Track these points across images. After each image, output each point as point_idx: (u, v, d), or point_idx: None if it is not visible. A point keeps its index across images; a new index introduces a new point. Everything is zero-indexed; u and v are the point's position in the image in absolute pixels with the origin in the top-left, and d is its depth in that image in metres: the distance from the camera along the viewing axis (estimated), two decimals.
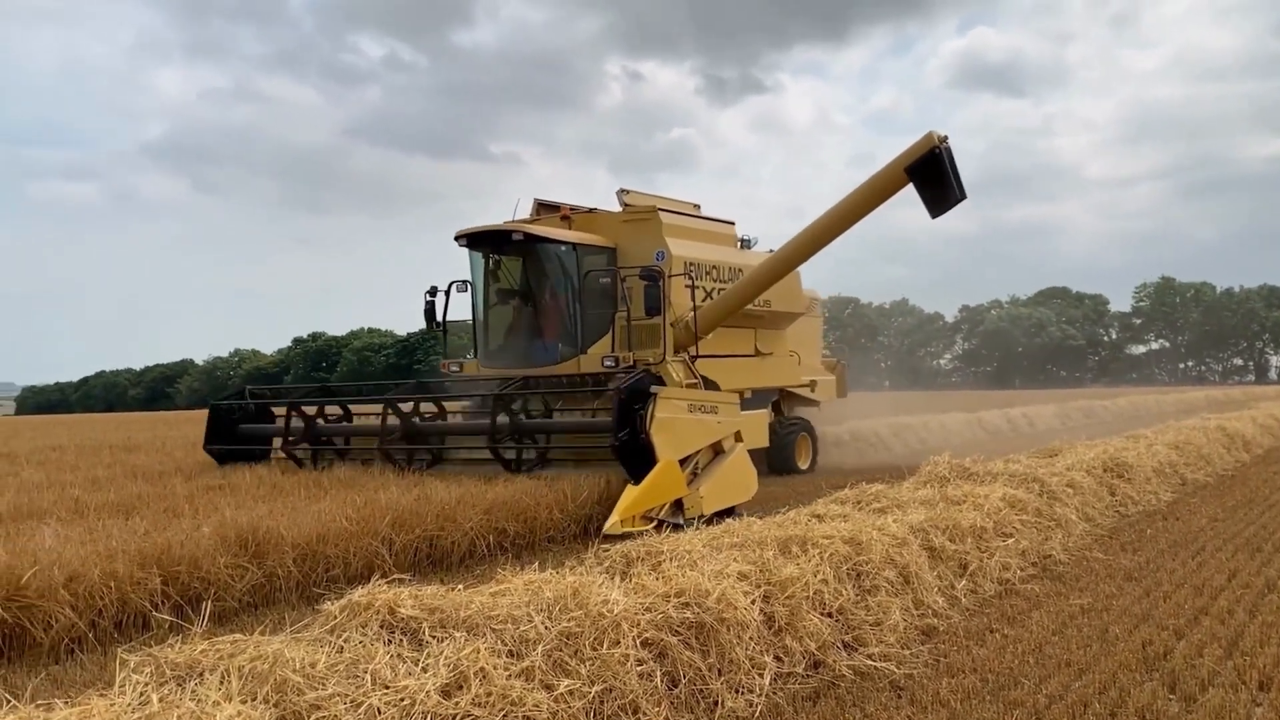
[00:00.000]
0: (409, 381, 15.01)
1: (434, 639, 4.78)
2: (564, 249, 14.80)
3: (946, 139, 13.01)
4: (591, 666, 4.88)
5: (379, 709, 4.13)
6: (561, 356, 14.69)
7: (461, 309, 15.77)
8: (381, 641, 4.72)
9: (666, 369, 13.88)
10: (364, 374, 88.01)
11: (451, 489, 10.52)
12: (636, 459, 10.95)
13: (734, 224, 17.69)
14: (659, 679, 5.11)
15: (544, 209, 16.34)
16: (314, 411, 14.68)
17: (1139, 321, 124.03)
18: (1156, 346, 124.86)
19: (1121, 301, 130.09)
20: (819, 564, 6.71)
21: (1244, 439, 19.67)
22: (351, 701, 4.14)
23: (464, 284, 15.57)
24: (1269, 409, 27.70)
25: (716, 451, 12.30)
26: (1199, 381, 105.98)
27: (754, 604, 5.95)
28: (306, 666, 4.28)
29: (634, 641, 5.14)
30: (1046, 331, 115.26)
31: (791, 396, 18.79)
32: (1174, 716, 5.22)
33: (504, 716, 4.37)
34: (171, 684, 4.18)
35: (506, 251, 15.35)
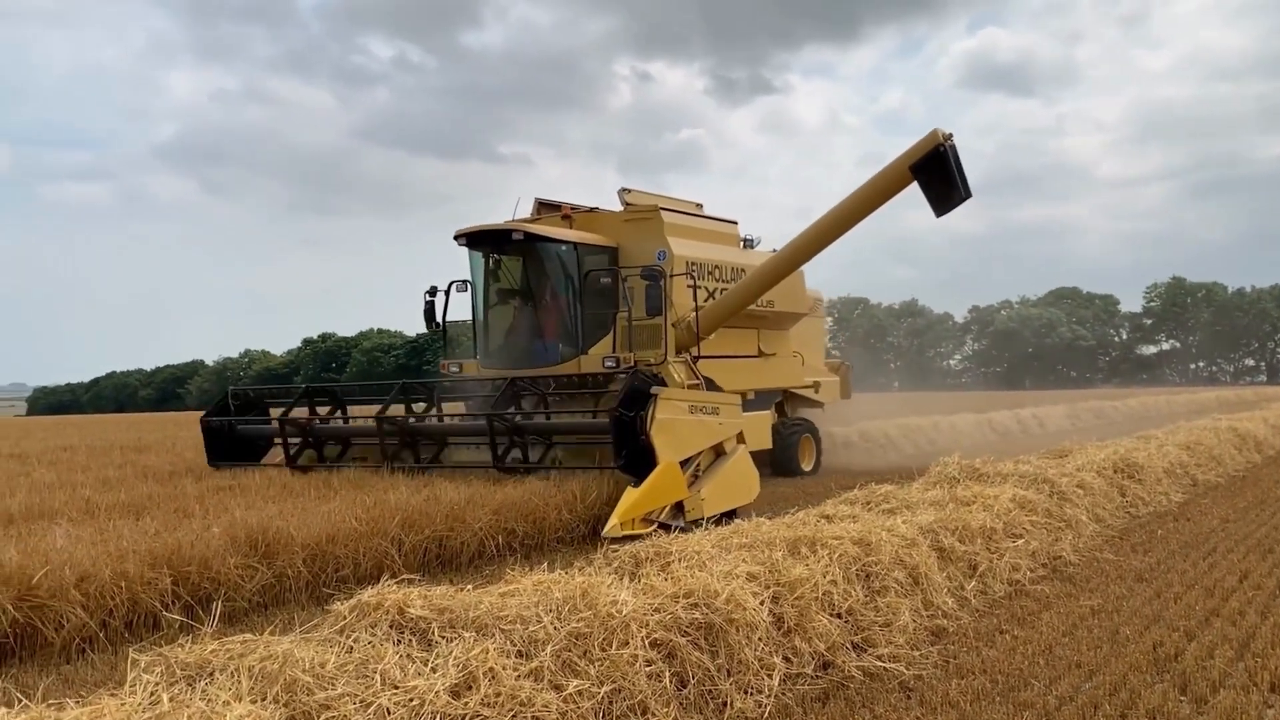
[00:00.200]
0: (398, 383, 14.73)
1: (443, 639, 4.79)
2: (564, 248, 14.69)
3: (951, 137, 12.88)
4: (600, 667, 4.89)
5: (388, 709, 4.13)
6: (562, 357, 14.58)
7: (462, 309, 15.68)
8: (391, 642, 4.73)
9: (668, 369, 13.77)
10: (374, 374, 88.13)
11: (460, 489, 10.53)
12: (637, 461, 10.83)
13: (737, 223, 17.59)
14: (668, 679, 5.11)
15: (545, 208, 16.23)
16: (308, 415, 14.49)
17: (1150, 322, 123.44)
18: (1167, 347, 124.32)
19: (1132, 302, 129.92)
20: (828, 565, 6.70)
21: (1256, 440, 19.58)
22: (361, 701, 4.14)
23: (464, 284, 15.46)
24: None
25: (718, 453, 12.15)
26: (1210, 382, 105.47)
27: (763, 605, 5.94)
28: (316, 666, 4.29)
29: (643, 642, 5.14)
30: (1057, 332, 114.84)
31: (795, 398, 18.64)
32: (1185, 718, 5.20)
33: (513, 717, 4.38)
34: (182, 684, 4.19)
35: (507, 251, 15.23)
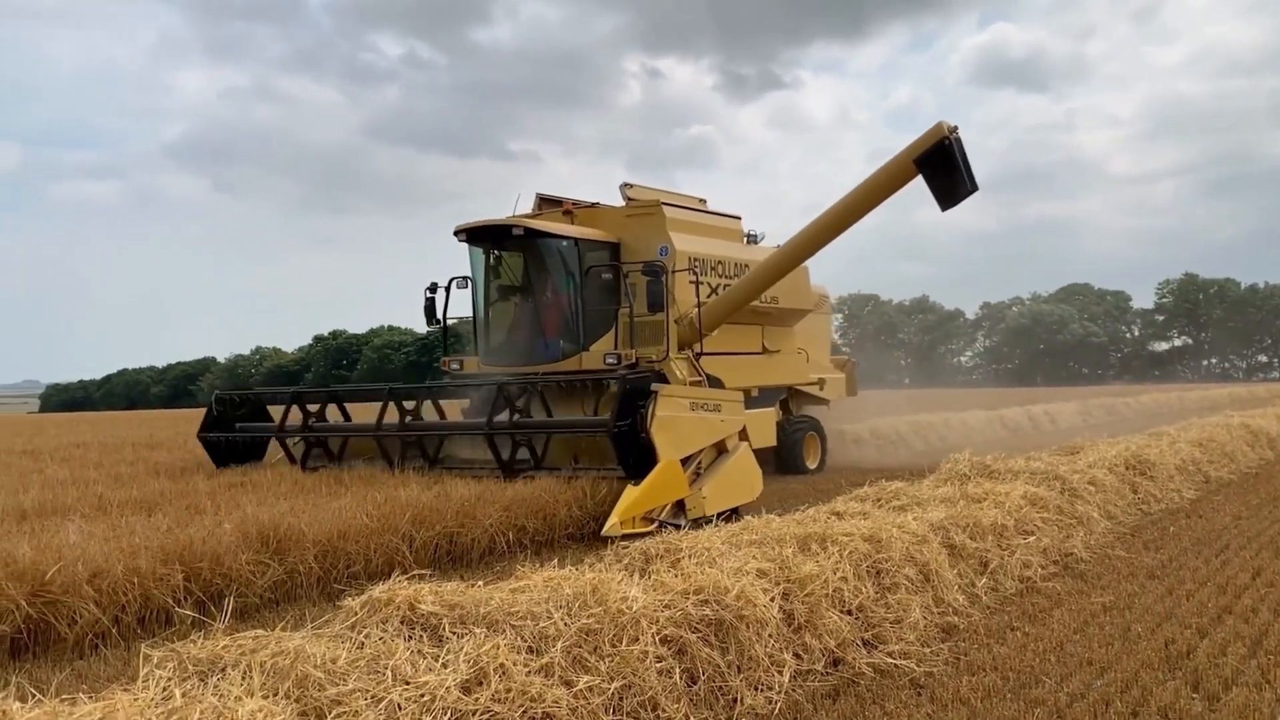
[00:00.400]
0: (400, 385, 14.58)
1: (454, 635, 4.79)
2: (565, 244, 14.57)
3: (956, 129, 12.72)
4: (611, 663, 4.89)
5: (399, 705, 4.14)
6: (563, 354, 14.48)
7: (463, 306, 15.56)
8: (402, 637, 4.74)
9: (670, 366, 13.71)
10: (384, 372, 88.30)
11: (471, 486, 10.55)
12: (637, 458, 10.70)
13: (740, 218, 17.47)
14: (678, 676, 5.11)
15: (546, 204, 16.10)
16: (315, 410, 14.41)
17: (1162, 318, 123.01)
18: (1179, 343, 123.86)
19: (1144, 298, 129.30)
20: (838, 561, 6.69)
21: (1268, 436, 19.47)
22: (372, 697, 4.15)
23: (464, 280, 15.35)
24: None
25: (720, 451, 11.99)
26: (1223, 379, 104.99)
27: (773, 601, 5.94)
28: (327, 662, 4.31)
29: (653, 638, 5.14)
30: (1068, 329, 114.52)
31: (800, 395, 18.47)
32: (1197, 716, 5.18)
33: (523, 712, 4.38)
34: (194, 679, 4.21)
35: (507, 247, 15.08)
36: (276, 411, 14.65)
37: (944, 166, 12.76)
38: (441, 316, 15.46)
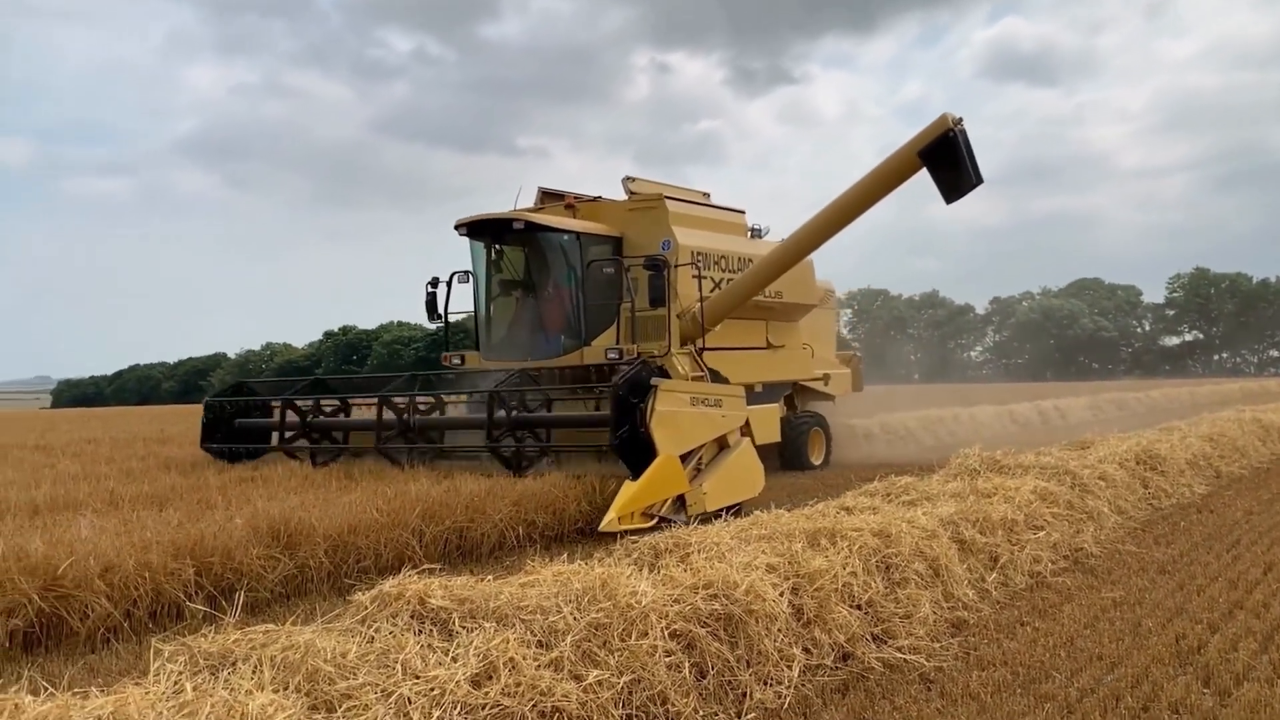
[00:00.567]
0: (401, 376, 14.51)
1: (464, 629, 4.80)
2: (567, 238, 14.46)
3: (961, 121, 12.51)
4: (620, 657, 4.89)
5: (409, 699, 4.16)
6: (564, 349, 14.36)
7: (466, 301, 15.44)
8: (412, 632, 4.75)
9: (672, 361, 13.59)
10: (394, 367, 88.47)
11: (481, 481, 10.56)
12: (636, 453, 10.57)
13: (744, 212, 17.33)
14: (687, 670, 5.12)
15: (548, 197, 15.95)
16: (309, 406, 14.40)
17: (1173, 313, 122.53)
18: (1190, 338, 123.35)
19: (1155, 293, 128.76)
20: (848, 556, 6.69)
21: None
22: (382, 691, 4.17)
23: (465, 274, 15.24)
24: None
25: (721, 446, 11.84)
26: (1234, 373, 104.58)
27: (782, 596, 5.94)
28: (338, 656, 4.32)
29: (662, 633, 5.14)
30: (1079, 323, 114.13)
31: (805, 390, 18.30)
32: (1208, 711, 5.17)
33: (533, 706, 4.39)
34: (205, 673, 4.22)
35: (508, 241, 14.96)
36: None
37: (948, 159, 12.60)
38: (443, 311, 15.34)
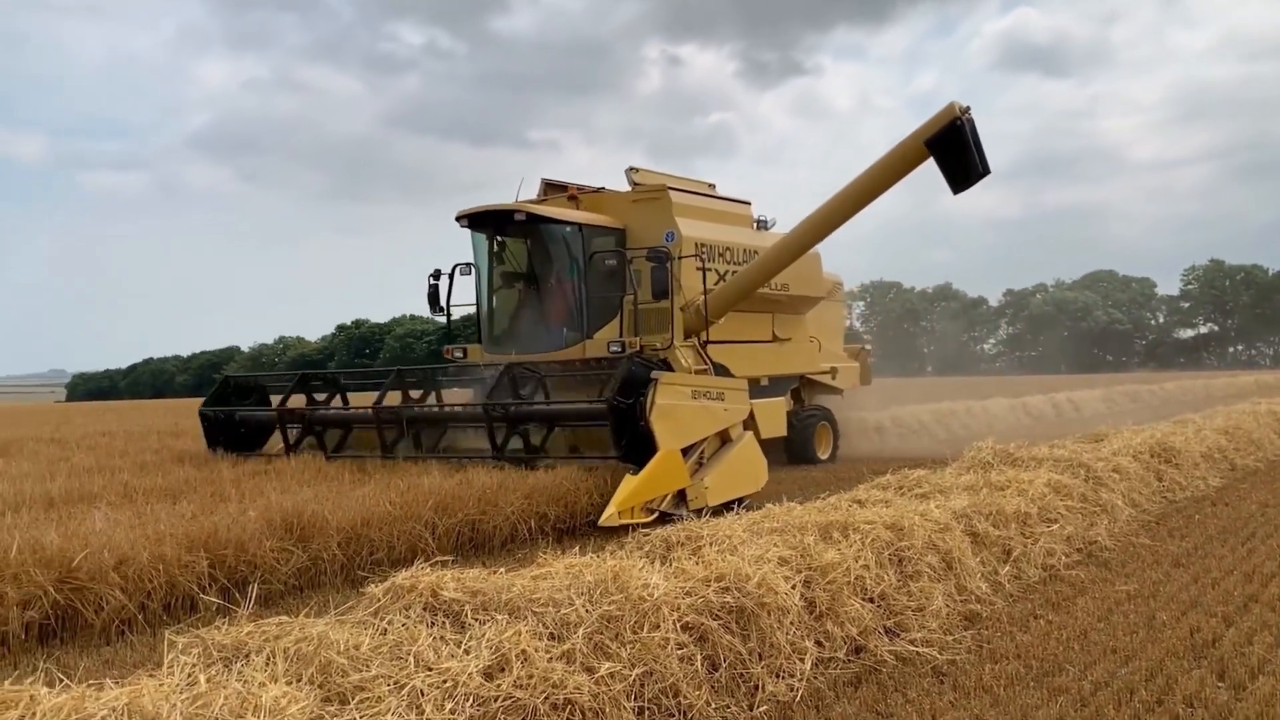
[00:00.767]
0: (394, 369, 14.26)
1: (476, 621, 4.81)
2: (569, 229, 14.35)
3: (969, 110, 12.41)
4: (632, 650, 4.89)
5: (422, 691, 4.16)
6: (567, 341, 14.26)
7: (468, 293, 15.36)
8: (424, 624, 4.76)
9: (675, 354, 13.51)
10: (407, 360, 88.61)
11: (493, 474, 10.58)
12: (636, 447, 10.50)
13: (750, 204, 17.22)
14: (699, 663, 5.11)
15: (551, 189, 15.86)
16: (304, 402, 14.25)
17: (1187, 305, 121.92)
18: (1205, 330, 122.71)
19: (1169, 285, 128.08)
20: (860, 549, 6.67)
21: None
22: (395, 683, 4.17)
23: (467, 267, 15.15)
24: None
25: (724, 440, 11.74)
26: (1249, 365, 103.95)
27: (794, 589, 5.93)
28: (351, 648, 4.33)
29: (674, 625, 5.14)
30: (1092, 315, 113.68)
31: (812, 384, 18.16)
32: (1223, 705, 5.14)
33: (545, 699, 4.39)
34: (219, 665, 4.24)
35: (510, 233, 14.86)
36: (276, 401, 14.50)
37: (956, 148, 12.45)
38: (445, 304, 15.27)
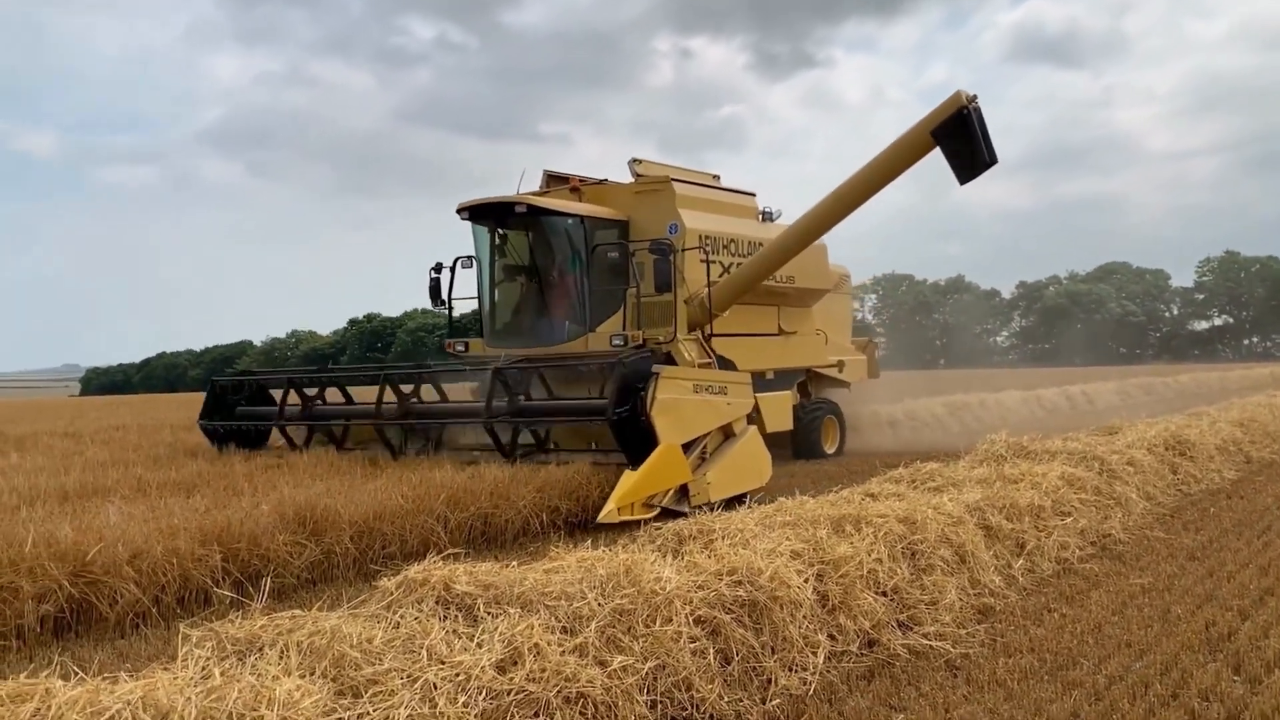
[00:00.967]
0: (402, 365, 14.24)
1: (489, 615, 4.81)
2: (571, 222, 14.24)
3: (975, 98, 12.25)
4: (645, 643, 4.89)
5: (435, 684, 4.16)
6: (569, 335, 14.15)
7: (470, 286, 15.25)
8: (437, 617, 4.76)
9: (678, 348, 13.40)
10: (419, 354, 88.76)
11: (505, 468, 10.58)
12: (637, 443, 10.37)
13: (754, 195, 17.10)
14: (712, 656, 5.11)
15: (554, 180, 15.78)
16: (313, 394, 14.25)
17: (1202, 297, 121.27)
18: (1220, 322, 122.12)
19: (1184, 276, 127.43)
20: (873, 543, 6.66)
21: None
22: (408, 676, 4.18)
23: (469, 260, 15.03)
24: None
25: (726, 435, 11.57)
26: (1265, 358, 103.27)
27: (807, 582, 5.92)
28: (363, 642, 4.33)
29: (687, 619, 5.14)
30: (1106, 308, 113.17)
31: (819, 377, 18.00)
32: (1238, 698, 5.11)
33: (558, 692, 4.39)
34: (232, 658, 4.25)
35: (511, 225, 14.73)
36: (277, 396, 14.47)
37: (962, 138, 12.27)
38: (446, 297, 15.17)
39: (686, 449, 10.75)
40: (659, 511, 10.01)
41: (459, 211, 14.62)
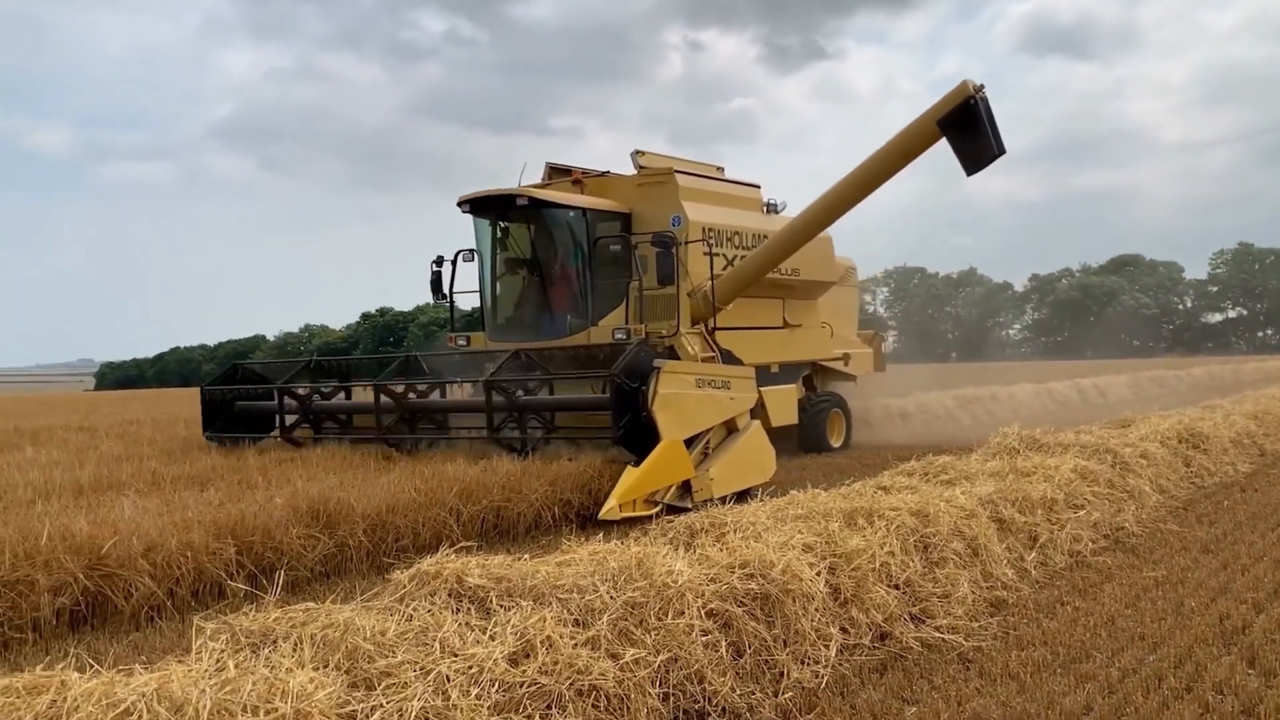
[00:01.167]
0: (399, 357, 14.11)
1: (501, 608, 4.82)
2: (573, 214, 14.13)
3: (983, 88, 12.09)
4: (657, 636, 4.89)
5: (448, 676, 4.18)
6: (571, 329, 14.07)
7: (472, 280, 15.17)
8: (450, 610, 4.77)
9: (681, 342, 13.33)
10: (431, 348, 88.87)
11: (517, 461, 10.60)
12: (638, 438, 10.29)
13: (759, 187, 17.00)
14: (724, 649, 5.11)
15: (556, 173, 15.68)
16: (306, 392, 14.10)
17: (1215, 289, 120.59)
18: (1234, 315, 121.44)
19: (1197, 269, 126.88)
20: (885, 536, 6.65)
21: None
22: (421, 669, 4.19)
23: (470, 253, 14.96)
24: None
25: (730, 429, 11.45)
26: (1279, 350, 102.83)
27: (819, 575, 5.92)
28: (377, 634, 4.35)
29: (699, 612, 5.14)
30: (1119, 300, 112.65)
31: (824, 371, 17.88)
32: (1253, 691, 5.09)
33: (570, 684, 4.40)
34: (246, 651, 4.27)
35: (513, 218, 14.65)
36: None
37: (969, 128, 12.09)
38: (448, 291, 15.10)
39: (689, 444, 10.67)
40: (661, 508, 9.95)
41: (460, 204, 14.54)
